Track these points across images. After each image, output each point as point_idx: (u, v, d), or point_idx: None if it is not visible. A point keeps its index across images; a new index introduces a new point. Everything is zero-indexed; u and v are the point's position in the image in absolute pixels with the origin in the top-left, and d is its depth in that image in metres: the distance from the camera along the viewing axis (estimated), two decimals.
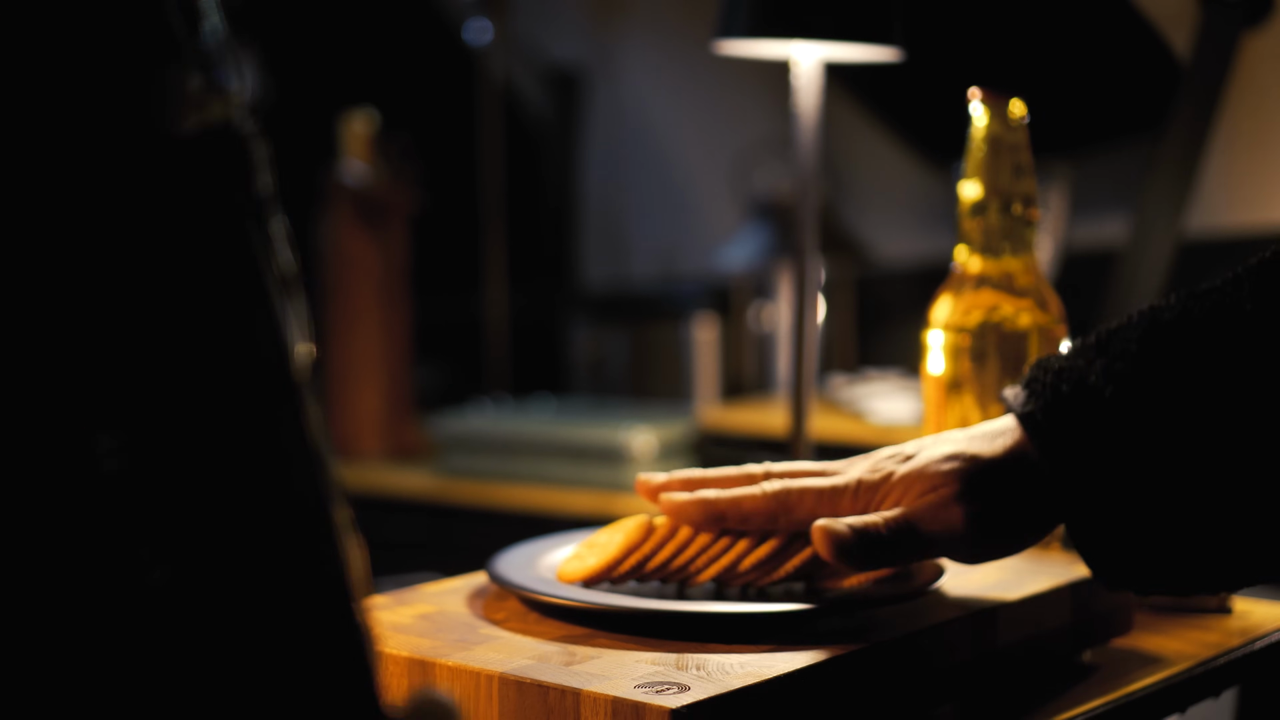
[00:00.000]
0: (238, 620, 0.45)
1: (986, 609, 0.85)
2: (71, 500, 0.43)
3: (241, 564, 0.45)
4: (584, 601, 0.81)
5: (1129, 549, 0.81)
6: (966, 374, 1.06)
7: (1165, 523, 0.80)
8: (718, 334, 2.62)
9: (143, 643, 0.44)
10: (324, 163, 2.53)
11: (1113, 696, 0.88)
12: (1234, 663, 0.96)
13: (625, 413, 2.37)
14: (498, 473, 2.31)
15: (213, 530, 0.45)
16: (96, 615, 0.43)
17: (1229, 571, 0.81)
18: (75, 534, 0.43)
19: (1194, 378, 0.79)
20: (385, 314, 2.51)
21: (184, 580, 0.44)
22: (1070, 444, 0.81)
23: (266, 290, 0.47)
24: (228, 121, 0.47)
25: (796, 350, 1.51)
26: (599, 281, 3.25)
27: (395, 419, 2.53)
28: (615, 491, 2.21)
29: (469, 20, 2.89)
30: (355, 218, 2.49)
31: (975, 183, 1.06)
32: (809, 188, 1.51)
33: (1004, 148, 1.06)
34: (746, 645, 0.77)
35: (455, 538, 2.32)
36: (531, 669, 0.73)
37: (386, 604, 0.86)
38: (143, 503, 0.44)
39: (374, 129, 2.52)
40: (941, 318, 1.07)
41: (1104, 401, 0.81)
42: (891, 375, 2.37)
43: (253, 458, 0.46)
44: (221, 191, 0.47)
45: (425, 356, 2.84)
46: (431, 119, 3.14)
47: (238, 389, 0.46)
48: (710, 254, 2.88)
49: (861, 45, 1.42)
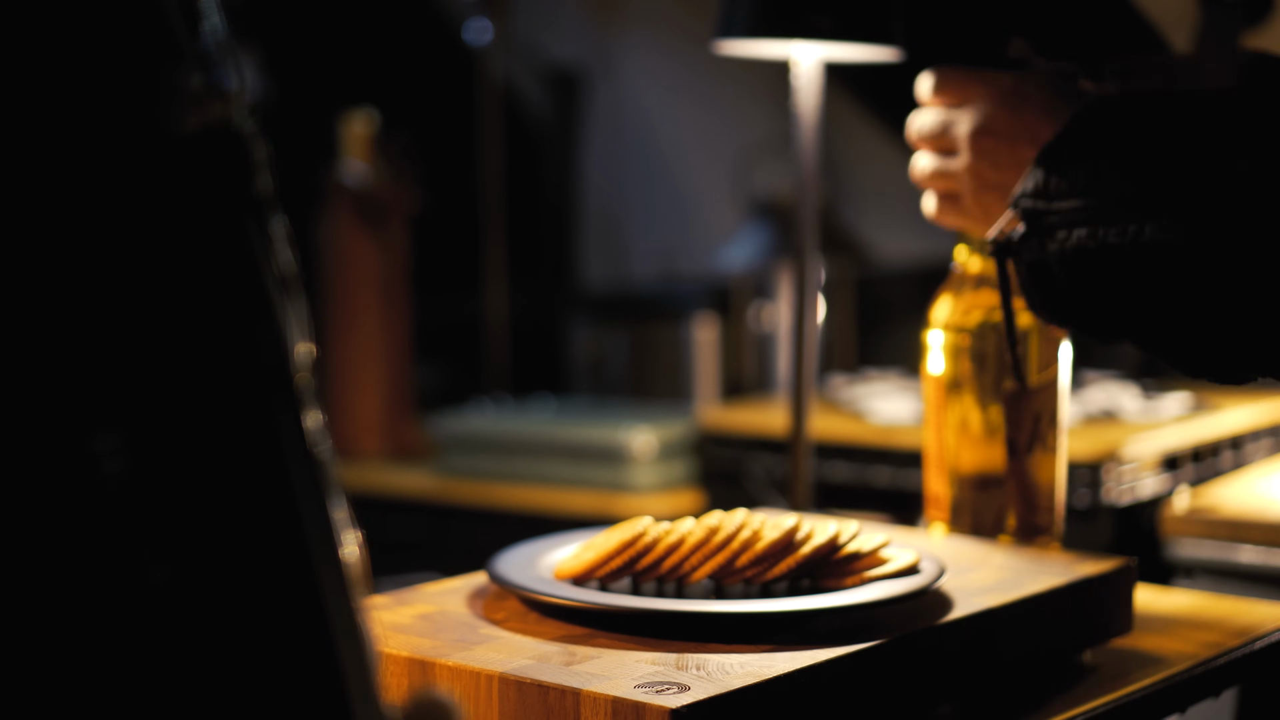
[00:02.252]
0: (238, 620, 0.45)
1: (986, 609, 0.85)
2: (72, 500, 0.43)
3: (241, 564, 0.45)
4: (584, 601, 0.81)
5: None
6: (966, 374, 1.06)
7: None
8: (718, 334, 2.62)
9: (143, 642, 0.44)
10: (324, 163, 2.52)
11: (1113, 696, 0.88)
12: (1234, 663, 0.96)
13: (625, 413, 2.37)
14: (498, 473, 2.31)
15: (213, 530, 0.45)
16: (97, 614, 0.43)
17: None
18: (76, 534, 0.43)
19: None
20: (385, 314, 2.51)
21: (184, 580, 0.44)
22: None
23: (266, 290, 0.47)
24: (228, 121, 0.47)
25: (796, 350, 1.51)
26: (599, 281, 3.25)
27: (395, 419, 2.53)
28: (615, 491, 2.21)
29: (469, 20, 2.89)
30: (355, 218, 2.49)
31: None
32: (809, 188, 1.51)
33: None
34: (746, 645, 0.77)
35: (455, 538, 2.32)
36: (531, 669, 0.73)
37: (386, 604, 0.86)
38: (143, 502, 0.44)
39: (374, 129, 2.52)
40: (941, 318, 1.07)
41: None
42: (891, 375, 2.37)
43: (253, 458, 0.46)
44: (222, 191, 0.47)
45: (425, 356, 2.84)
46: (431, 119, 3.14)
47: (238, 389, 0.46)
48: (710, 254, 2.88)
49: (861, 45, 1.42)
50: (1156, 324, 0.85)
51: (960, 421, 1.06)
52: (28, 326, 0.43)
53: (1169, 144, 0.84)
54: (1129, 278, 0.84)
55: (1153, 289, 0.84)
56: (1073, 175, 0.87)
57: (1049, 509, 1.06)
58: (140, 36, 0.46)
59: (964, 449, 1.06)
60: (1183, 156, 0.83)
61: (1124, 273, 0.84)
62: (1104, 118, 0.89)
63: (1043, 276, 0.89)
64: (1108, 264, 0.85)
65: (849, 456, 1.96)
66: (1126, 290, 0.85)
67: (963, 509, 1.06)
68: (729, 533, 0.87)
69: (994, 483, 1.05)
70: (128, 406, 0.44)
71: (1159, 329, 0.86)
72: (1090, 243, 0.85)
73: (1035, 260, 0.89)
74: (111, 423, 0.44)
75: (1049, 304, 0.90)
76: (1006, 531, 1.05)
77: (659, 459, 2.22)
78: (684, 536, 0.88)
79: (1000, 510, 1.05)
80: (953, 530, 1.06)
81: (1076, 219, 0.86)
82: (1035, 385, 1.04)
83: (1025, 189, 0.90)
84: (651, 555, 0.87)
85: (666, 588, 0.88)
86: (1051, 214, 0.88)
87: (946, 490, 1.07)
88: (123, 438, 0.44)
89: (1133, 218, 0.84)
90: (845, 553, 0.88)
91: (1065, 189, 0.87)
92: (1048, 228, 0.88)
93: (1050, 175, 0.88)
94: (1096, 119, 0.89)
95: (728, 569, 0.86)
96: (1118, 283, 0.85)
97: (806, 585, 0.88)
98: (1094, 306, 0.88)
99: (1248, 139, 0.81)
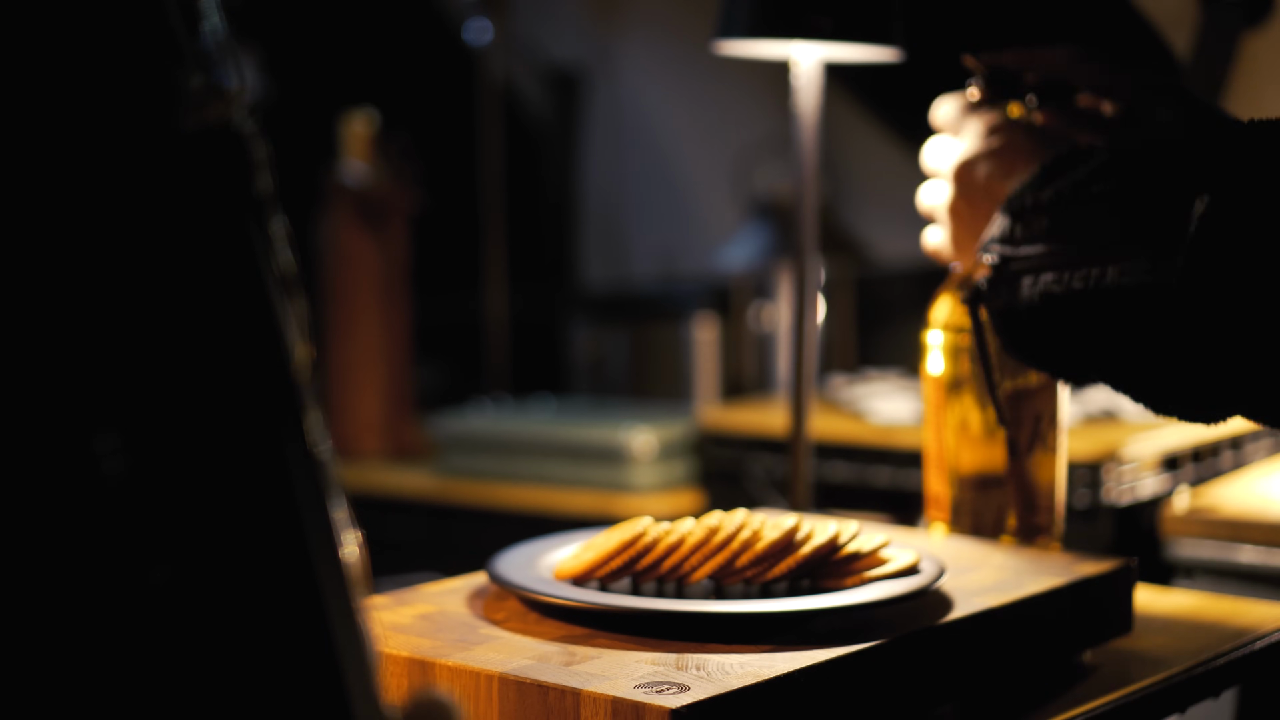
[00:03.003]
0: (238, 620, 0.45)
1: (986, 609, 0.85)
2: (72, 500, 0.43)
3: (241, 564, 0.45)
4: (584, 601, 0.81)
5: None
6: (966, 374, 1.06)
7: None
8: (718, 334, 2.62)
9: (143, 642, 0.44)
10: (324, 163, 2.52)
11: (1113, 696, 0.88)
12: (1234, 663, 0.96)
13: (625, 413, 2.37)
14: (498, 473, 2.31)
15: (213, 530, 0.45)
16: (97, 615, 0.43)
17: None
18: (76, 534, 0.43)
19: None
20: (385, 314, 2.51)
21: (184, 580, 0.44)
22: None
23: (267, 290, 0.47)
24: (228, 121, 0.47)
25: (796, 350, 1.51)
26: (599, 281, 3.25)
27: (395, 419, 2.53)
28: (615, 491, 2.20)
29: (469, 20, 2.89)
30: (355, 218, 2.49)
31: None
32: (809, 188, 1.51)
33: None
34: (746, 645, 0.77)
35: (455, 538, 2.32)
36: (531, 669, 0.73)
37: (386, 604, 0.86)
38: (143, 502, 0.44)
39: (374, 129, 2.51)
40: (941, 318, 1.07)
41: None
42: (891, 375, 2.37)
43: (253, 457, 0.46)
44: (222, 191, 0.47)
45: (425, 356, 2.84)
46: (431, 119, 3.14)
47: (238, 389, 0.46)
48: (710, 254, 2.88)
49: (861, 45, 1.42)
50: (1124, 366, 0.87)
51: (960, 421, 1.06)
52: (27, 326, 0.43)
53: (1127, 189, 0.86)
54: (1095, 321, 0.86)
55: (1119, 332, 0.85)
56: (1037, 222, 0.89)
57: (1049, 509, 1.06)
58: (140, 36, 0.46)
59: (964, 449, 1.06)
60: (1141, 201, 0.85)
61: (1090, 316, 0.86)
62: (1067, 166, 0.91)
63: (1013, 322, 0.91)
64: (1074, 308, 0.87)
65: (849, 456, 1.96)
66: (1093, 334, 0.87)
67: (963, 509, 1.06)
68: (729, 533, 0.87)
69: (994, 483, 1.05)
70: (128, 406, 0.44)
71: (1127, 370, 0.88)
72: (1056, 288, 0.87)
73: (1004, 307, 0.91)
74: (112, 423, 0.44)
75: (1021, 348, 0.93)
76: (1007, 532, 1.05)
77: (659, 459, 2.22)
78: (684, 537, 0.88)
79: (1001, 510, 1.05)
80: (953, 530, 1.06)
81: (1042, 264, 0.88)
82: (1022, 445, 1.05)
83: (993, 236, 0.92)
84: (651, 555, 0.87)
85: (666, 588, 0.88)
86: (1018, 260, 0.90)
87: (947, 490, 1.07)
88: (123, 438, 0.44)
89: (1095, 262, 0.85)
90: (845, 553, 0.88)
91: (1030, 235, 0.90)
92: (1015, 274, 0.90)
93: (1016, 222, 0.91)
94: (1060, 168, 0.91)
95: (728, 569, 0.86)
96: (1085, 326, 0.87)
97: (806, 585, 0.88)
98: (1063, 350, 0.90)
99: (1202, 181, 0.82)
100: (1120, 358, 0.87)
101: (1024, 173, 0.96)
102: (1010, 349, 0.93)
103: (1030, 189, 0.91)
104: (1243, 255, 0.80)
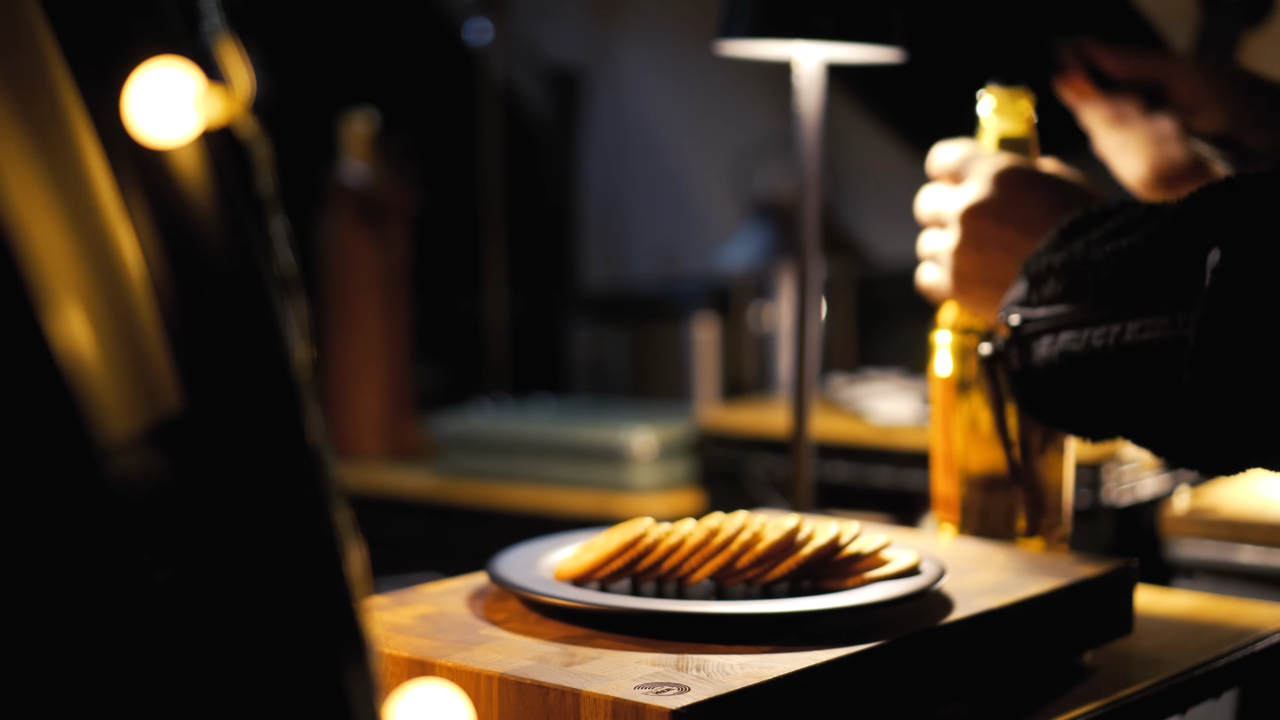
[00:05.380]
0: (238, 621, 0.45)
1: (986, 610, 0.85)
2: (73, 502, 0.43)
3: (242, 564, 0.45)
4: (584, 602, 0.81)
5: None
6: (974, 375, 1.06)
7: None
8: (718, 334, 2.62)
9: (144, 643, 0.44)
10: (324, 163, 2.52)
11: (1113, 698, 0.88)
12: (1234, 663, 0.96)
13: (625, 413, 2.36)
14: (498, 473, 2.31)
15: (214, 531, 0.45)
16: (99, 616, 0.43)
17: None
18: (77, 536, 0.43)
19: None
20: (385, 314, 2.51)
21: (185, 581, 0.44)
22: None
23: (267, 290, 0.47)
24: (228, 121, 0.47)
25: (797, 350, 1.51)
26: (599, 281, 3.25)
27: (395, 419, 2.53)
28: (615, 491, 2.20)
29: (469, 20, 2.89)
30: (355, 218, 2.48)
31: None
32: (810, 188, 1.51)
33: (1012, 145, 1.06)
34: (746, 645, 0.77)
35: (455, 538, 2.32)
36: (531, 669, 0.73)
37: (386, 604, 0.86)
38: (144, 504, 0.44)
39: (374, 129, 2.51)
40: (949, 319, 1.07)
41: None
42: (891, 375, 2.37)
43: (253, 458, 0.46)
44: (222, 191, 0.47)
45: (425, 356, 2.84)
46: (431, 119, 3.14)
47: (238, 389, 0.46)
48: (710, 254, 2.88)
49: (863, 46, 1.42)
50: (1143, 421, 0.88)
51: (969, 422, 1.05)
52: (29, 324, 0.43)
53: (1144, 245, 0.86)
54: (1114, 378, 0.87)
55: (1138, 388, 0.86)
56: (1055, 285, 0.90)
57: (1058, 509, 1.06)
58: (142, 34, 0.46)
59: (973, 450, 1.06)
60: (1157, 256, 0.85)
61: (1109, 373, 0.87)
62: (1082, 227, 0.91)
63: (1031, 383, 0.92)
64: (1094, 366, 0.87)
65: (849, 456, 1.96)
66: (1113, 390, 0.88)
67: (971, 510, 1.06)
68: (729, 534, 0.87)
69: (1003, 483, 1.05)
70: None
71: (1146, 426, 0.88)
72: (1075, 346, 0.88)
73: (1022, 368, 0.92)
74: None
75: (1038, 409, 0.93)
76: (1017, 532, 1.05)
77: (659, 459, 2.22)
78: (684, 537, 0.88)
79: (1010, 511, 1.05)
80: (961, 532, 1.06)
81: (1060, 324, 0.89)
82: (1034, 446, 1.05)
83: (1012, 298, 0.93)
84: (652, 556, 0.87)
85: (667, 588, 0.88)
86: (1035, 321, 0.91)
87: (955, 491, 1.07)
88: (126, 440, 0.44)
89: (1115, 318, 0.85)
90: (846, 554, 0.88)
91: (1048, 298, 0.91)
92: (1032, 335, 0.91)
93: (1034, 286, 0.92)
94: (1076, 230, 0.92)
95: (728, 570, 0.86)
96: (1104, 384, 0.88)
97: (807, 586, 0.88)
98: (1082, 408, 0.90)
99: (1217, 234, 0.82)
100: (1139, 413, 0.87)
101: (1043, 219, 0.96)
102: (1027, 409, 0.94)
103: (1046, 252, 0.92)
104: (1259, 307, 0.80)
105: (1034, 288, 0.92)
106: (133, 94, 0.46)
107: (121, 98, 0.46)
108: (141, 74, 0.46)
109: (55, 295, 0.44)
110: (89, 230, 0.45)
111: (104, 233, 0.45)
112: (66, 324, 0.44)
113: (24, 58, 0.44)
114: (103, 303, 0.44)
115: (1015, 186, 1.00)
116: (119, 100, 0.46)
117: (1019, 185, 1.00)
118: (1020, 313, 0.92)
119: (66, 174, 0.45)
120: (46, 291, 0.44)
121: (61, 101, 0.45)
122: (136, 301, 0.45)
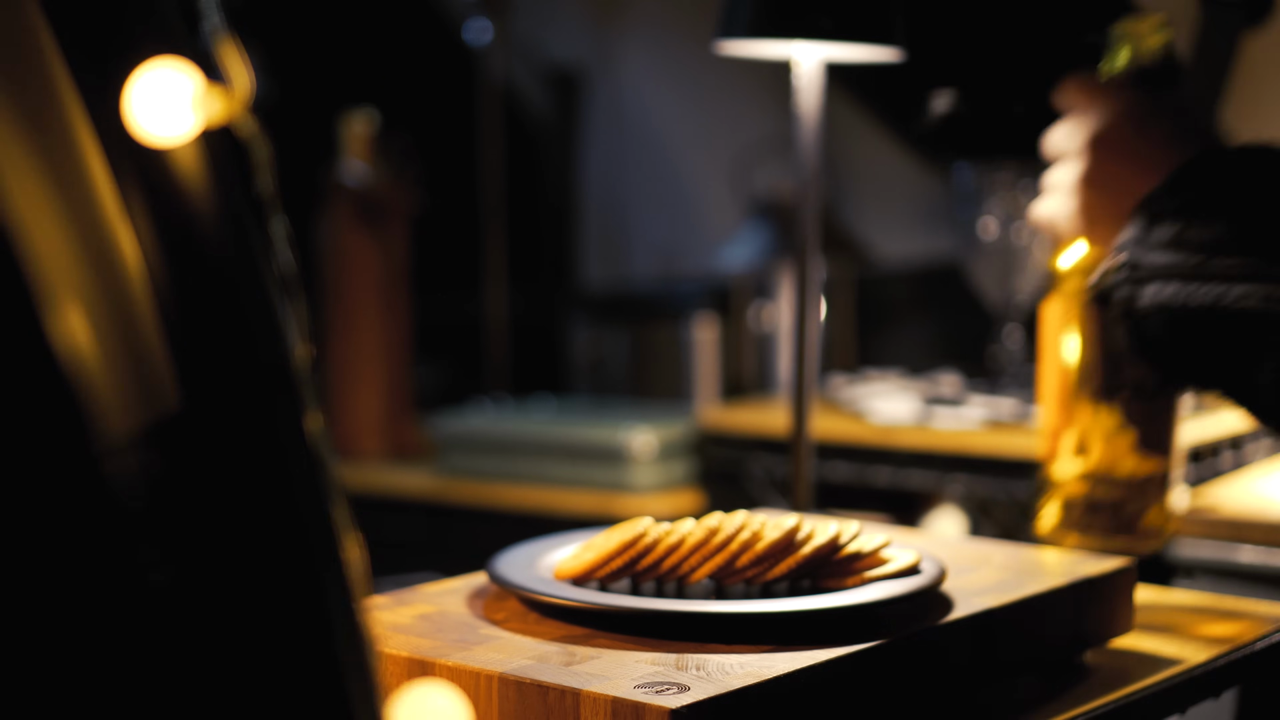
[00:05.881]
0: (238, 621, 0.45)
1: (986, 610, 0.85)
2: (72, 501, 0.43)
3: (242, 564, 0.45)
4: (584, 601, 0.81)
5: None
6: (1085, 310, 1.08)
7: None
8: (718, 334, 2.62)
9: (143, 643, 0.44)
10: (324, 163, 2.52)
11: (1113, 697, 0.88)
12: (1234, 663, 0.96)
13: (625, 413, 2.36)
14: (498, 473, 2.31)
15: (213, 531, 0.45)
16: (98, 616, 0.43)
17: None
18: (76, 535, 0.43)
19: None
20: (385, 314, 2.51)
21: (184, 581, 0.44)
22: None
23: (267, 290, 0.47)
24: (227, 121, 0.47)
25: (797, 350, 1.51)
26: (599, 281, 3.25)
27: (395, 419, 2.53)
28: (615, 491, 2.20)
29: (469, 20, 2.89)
30: (355, 218, 2.48)
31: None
32: (810, 188, 1.51)
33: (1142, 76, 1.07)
34: (746, 645, 0.77)
35: (455, 538, 2.32)
36: (531, 669, 0.73)
37: (386, 604, 0.86)
38: (143, 503, 0.44)
39: (374, 129, 2.51)
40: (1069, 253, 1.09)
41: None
42: (891, 375, 2.37)
43: (253, 457, 0.46)
44: (222, 191, 0.47)
45: (425, 356, 2.84)
46: (431, 119, 3.14)
47: (238, 389, 0.46)
48: (710, 254, 2.88)
49: (862, 46, 1.42)
50: (1241, 384, 0.87)
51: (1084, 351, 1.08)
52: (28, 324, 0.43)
53: (1261, 209, 0.86)
54: (1215, 337, 0.87)
55: (1238, 351, 0.85)
56: (1168, 230, 0.90)
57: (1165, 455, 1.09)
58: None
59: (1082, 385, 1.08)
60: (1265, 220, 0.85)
61: (1211, 333, 0.87)
62: (1205, 173, 0.91)
63: (1139, 326, 0.92)
64: (1195, 323, 0.87)
65: (849, 456, 1.96)
66: (1214, 348, 0.87)
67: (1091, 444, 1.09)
68: (729, 533, 0.87)
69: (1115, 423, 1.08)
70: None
71: (1247, 387, 0.87)
72: (1179, 299, 0.87)
73: (1132, 309, 0.92)
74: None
75: (1146, 350, 0.93)
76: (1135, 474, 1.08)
77: (659, 459, 2.22)
78: (684, 537, 0.88)
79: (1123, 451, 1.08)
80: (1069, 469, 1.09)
81: (1169, 273, 0.89)
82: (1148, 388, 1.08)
83: (1127, 237, 0.93)
84: (652, 556, 0.87)
85: (666, 588, 0.88)
86: (1147, 266, 0.91)
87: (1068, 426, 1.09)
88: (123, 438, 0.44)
89: (1220, 279, 0.85)
90: (846, 553, 0.88)
91: (1160, 242, 0.90)
92: (1142, 279, 0.91)
93: (1150, 226, 0.91)
94: (1190, 176, 0.91)
95: (728, 569, 0.86)
96: (1205, 341, 0.87)
97: (807, 586, 0.88)
98: (1186, 359, 0.91)
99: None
100: (1240, 375, 0.87)
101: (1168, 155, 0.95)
102: (1136, 351, 0.94)
103: (1164, 192, 0.91)
104: None
105: (1151, 227, 0.91)
106: (133, 94, 0.46)
107: (122, 98, 0.46)
108: (141, 74, 0.46)
109: (55, 295, 0.44)
110: (89, 230, 0.45)
111: (104, 232, 0.45)
112: (66, 323, 0.44)
113: (24, 58, 0.44)
114: (102, 302, 0.44)
115: (1145, 117, 0.99)
116: (119, 100, 0.46)
117: (1147, 118, 0.99)
118: (1134, 252, 0.92)
119: (66, 174, 0.45)
120: (46, 291, 0.44)
121: (62, 101, 0.45)
122: (136, 301, 0.45)
